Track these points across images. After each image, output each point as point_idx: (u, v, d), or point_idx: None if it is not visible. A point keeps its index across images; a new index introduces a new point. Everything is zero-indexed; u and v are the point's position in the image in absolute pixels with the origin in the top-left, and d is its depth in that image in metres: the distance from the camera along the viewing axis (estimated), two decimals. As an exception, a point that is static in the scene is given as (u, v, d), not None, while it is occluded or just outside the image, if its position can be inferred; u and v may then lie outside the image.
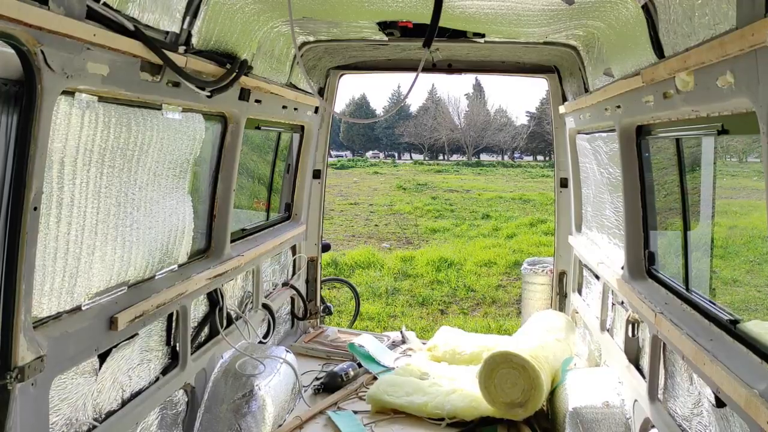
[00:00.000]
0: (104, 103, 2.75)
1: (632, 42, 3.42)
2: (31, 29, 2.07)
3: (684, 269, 3.55)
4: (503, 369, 4.33)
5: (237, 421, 3.82)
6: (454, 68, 6.15)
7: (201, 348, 4.08)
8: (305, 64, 5.55)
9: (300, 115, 5.60)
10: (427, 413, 4.60)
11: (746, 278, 7.76)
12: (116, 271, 3.10)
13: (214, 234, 4.28)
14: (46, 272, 2.56)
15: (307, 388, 5.06)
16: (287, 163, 6.21)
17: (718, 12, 2.35)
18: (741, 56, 2.16)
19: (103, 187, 2.88)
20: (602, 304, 4.78)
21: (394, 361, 5.73)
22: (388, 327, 9.46)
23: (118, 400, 3.12)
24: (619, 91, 3.77)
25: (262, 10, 3.82)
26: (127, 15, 2.66)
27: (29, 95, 2.19)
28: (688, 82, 2.71)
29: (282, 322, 5.97)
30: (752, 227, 9.09)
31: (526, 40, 4.78)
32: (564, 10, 3.65)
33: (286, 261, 6.04)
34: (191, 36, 3.22)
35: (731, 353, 2.62)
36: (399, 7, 3.85)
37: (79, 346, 2.72)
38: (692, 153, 3.70)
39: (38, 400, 2.42)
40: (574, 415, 3.92)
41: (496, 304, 11.60)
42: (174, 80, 3.12)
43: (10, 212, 2.22)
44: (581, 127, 5.39)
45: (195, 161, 3.85)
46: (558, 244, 6.31)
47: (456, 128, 67.32)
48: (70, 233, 2.69)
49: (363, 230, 20.26)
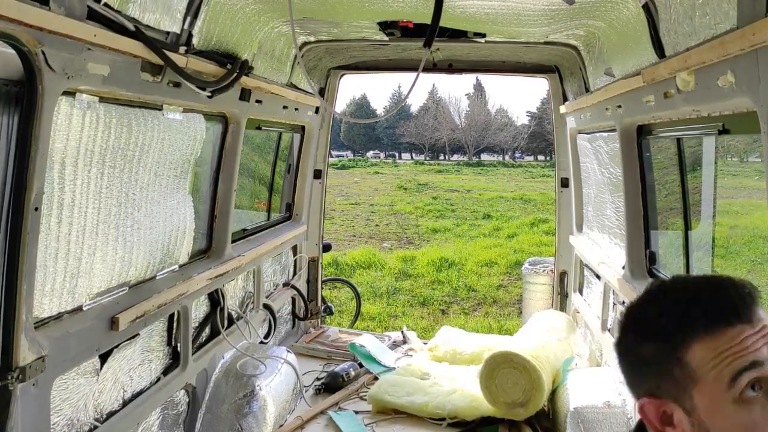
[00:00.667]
0: (105, 104, 2.76)
1: (633, 42, 3.42)
2: (31, 30, 2.07)
3: (685, 269, 3.55)
4: (504, 369, 4.33)
5: (238, 421, 3.83)
6: (455, 68, 6.14)
7: (202, 348, 4.08)
8: (306, 65, 5.55)
9: (301, 116, 5.60)
10: (428, 413, 4.60)
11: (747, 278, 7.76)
12: (117, 272, 3.10)
13: (215, 234, 4.29)
14: (47, 273, 2.56)
15: (308, 388, 5.06)
16: (288, 163, 6.21)
17: (719, 11, 2.35)
18: (742, 56, 2.16)
19: (104, 188, 2.89)
20: (603, 303, 4.77)
21: (395, 361, 5.72)
22: (389, 327, 9.46)
23: (119, 400, 3.12)
24: (619, 91, 3.77)
25: (263, 11, 3.82)
26: (128, 15, 2.66)
27: (30, 96, 2.19)
28: (689, 81, 2.71)
29: (283, 323, 5.97)
30: (753, 227, 9.09)
31: (526, 39, 4.78)
32: (565, 10, 3.64)
33: (287, 261, 6.05)
34: (192, 36, 3.22)
35: None
36: (399, 7, 3.85)
37: (81, 346, 2.72)
38: (693, 152, 3.70)
39: (39, 401, 2.43)
40: (575, 415, 3.92)
41: (497, 304, 11.60)
42: (175, 80, 3.12)
43: (11, 213, 2.22)
44: (582, 127, 5.39)
45: (196, 161, 3.86)
46: (559, 244, 6.31)
47: (457, 128, 67.26)
48: (71, 234, 2.69)
49: (364, 230, 20.26)
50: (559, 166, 6.23)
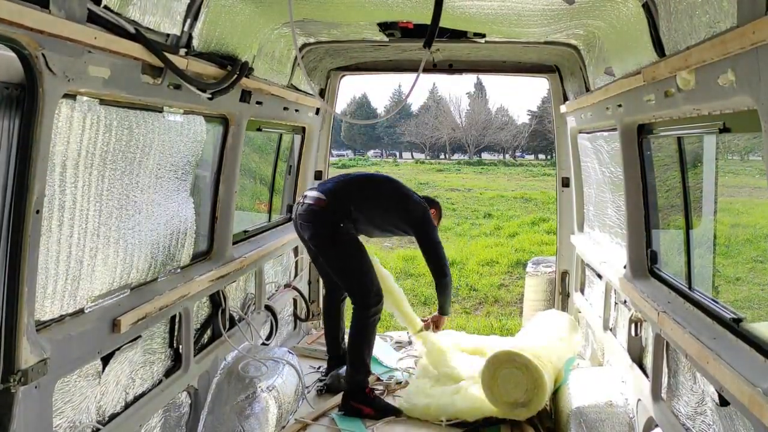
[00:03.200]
0: (106, 106, 2.76)
1: (633, 41, 3.42)
2: (32, 33, 2.07)
3: (687, 267, 3.55)
4: (506, 369, 4.32)
5: (240, 423, 3.82)
6: (455, 68, 6.15)
7: (204, 350, 4.08)
8: (306, 66, 5.55)
9: (301, 117, 5.60)
10: (432, 416, 4.58)
11: (749, 276, 7.75)
12: (119, 274, 3.11)
13: (216, 236, 4.29)
14: (49, 275, 2.57)
15: (310, 389, 5.06)
16: (289, 164, 6.21)
17: (719, 10, 2.35)
18: (742, 54, 2.16)
19: (105, 190, 2.89)
20: (605, 303, 4.77)
21: (397, 362, 5.72)
22: (391, 327, 9.45)
23: (121, 402, 3.13)
24: (620, 90, 3.77)
25: (263, 12, 3.82)
26: (128, 18, 2.66)
27: (31, 99, 2.19)
28: (689, 80, 2.71)
29: (284, 324, 5.97)
30: (754, 225, 9.08)
31: (526, 39, 4.78)
32: (565, 9, 3.64)
33: (288, 262, 6.05)
34: (192, 38, 3.23)
35: (735, 352, 2.61)
36: (399, 8, 3.85)
37: (82, 348, 2.72)
38: (694, 151, 3.70)
39: (41, 403, 2.43)
40: (577, 415, 3.92)
41: (499, 304, 11.60)
42: (175, 82, 3.13)
43: (12, 216, 2.23)
44: (582, 127, 5.39)
45: (197, 163, 3.86)
46: (560, 243, 6.31)
47: (457, 127, 67.23)
48: (73, 236, 2.69)
49: (365, 230, 20.21)
50: (560, 165, 6.23)
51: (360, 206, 4.81)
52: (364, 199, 4.90)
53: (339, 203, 4.77)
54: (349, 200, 4.81)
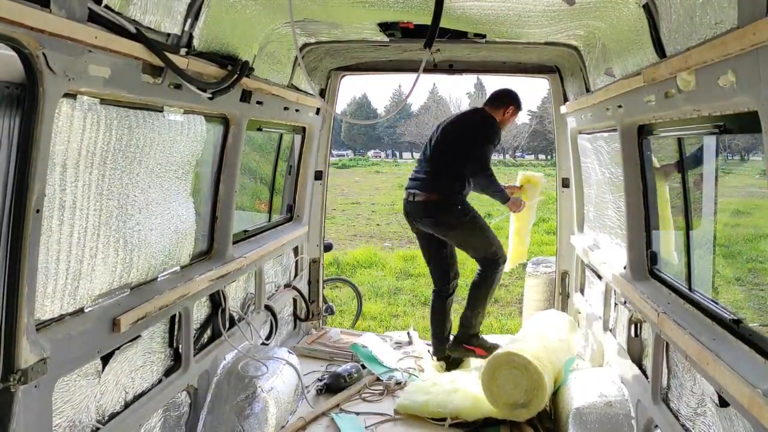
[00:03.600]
0: (106, 106, 2.76)
1: (633, 42, 3.42)
2: (32, 32, 2.07)
3: (686, 268, 3.55)
4: (506, 369, 4.32)
5: (240, 422, 3.83)
6: (456, 69, 6.15)
7: (204, 350, 4.08)
8: (306, 66, 5.55)
9: (301, 117, 5.60)
10: (430, 413, 4.59)
11: (748, 277, 7.75)
12: (119, 273, 3.11)
13: (216, 235, 4.29)
14: (49, 275, 2.57)
15: (310, 389, 5.06)
16: (289, 164, 6.21)
17: (720, 11, 2.35)
18: (742, 55, 2.16)
19: (105, 190, 2.89)
20: (605, 304, 4.77)
21: (396, 362, 5.73)
22: (391, 327, 9.45)
23: (121, 402, 3.13)
24: (620, 91, 3.77)
25: (263, 12, 3.82)
26: (129, 17, 2.66)
27: (31, 98, 2.19)
28: (690, 81, 2.71)
29: (284, 324, 5.98)
30: (754, 226, 9.08)
31: (527, 40, 4.78)
32: (565, 10, 3.64)
33: (288, 262, 6.05)
34: (192, 38, 3.23)
35: (734, 353, 2.61)
36: (400, 8, 3.85)
37: (82, 348, 2.72)
38: (694, 152, 3.70)
39: (41, 403, 2.43)
40: (577, 416, 3.92)
41: (499, 303, 11.58)
42: (175, 82, 3.13)
43: (12, 215, 2.23)
44: (582, 127, 5.39)
45: (197, 163, 3.86)
46: (560, 244, 6.31)
47: (457, 127, 67.10)
48: (73, 235, 2.69)
49: (365, 229, 20.25)
50: (560, 166, 6.23)
51: (459, 174, 5.32)
52: (459, 166, 5.32)
53: (446, 187, 5.33)
54: (452, 179, 5.33)
